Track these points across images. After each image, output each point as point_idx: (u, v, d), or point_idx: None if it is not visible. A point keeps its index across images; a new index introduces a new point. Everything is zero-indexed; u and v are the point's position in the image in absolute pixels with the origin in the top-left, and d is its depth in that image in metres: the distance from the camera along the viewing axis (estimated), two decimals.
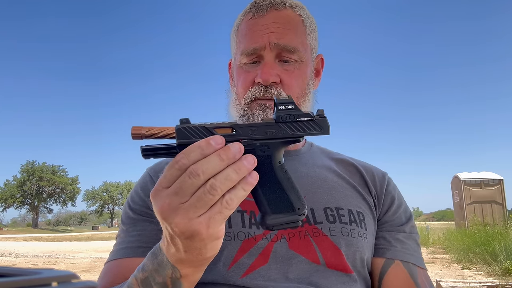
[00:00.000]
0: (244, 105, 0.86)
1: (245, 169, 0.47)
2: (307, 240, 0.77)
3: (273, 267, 0.74)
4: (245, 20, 0.88)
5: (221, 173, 0.47)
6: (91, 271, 8.02)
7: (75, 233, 38.99)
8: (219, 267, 0.74)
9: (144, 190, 0.88)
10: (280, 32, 0.83)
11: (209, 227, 0.48)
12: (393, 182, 0.97)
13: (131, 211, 0.86)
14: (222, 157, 0.47)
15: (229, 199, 0.47)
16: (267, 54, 0.84)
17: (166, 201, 0.48)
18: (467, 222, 12.16)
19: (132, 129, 0.51)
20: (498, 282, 5.61)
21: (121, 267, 0.78)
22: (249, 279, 0.73)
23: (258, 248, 0.75)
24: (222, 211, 0.48)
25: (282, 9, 0.86)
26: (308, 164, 0.92)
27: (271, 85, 0.83)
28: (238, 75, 0.89)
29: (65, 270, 0.25)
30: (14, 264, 9.70)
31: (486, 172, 13.21)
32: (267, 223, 0.53)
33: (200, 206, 0.47)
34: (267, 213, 0.53)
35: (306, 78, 0.89)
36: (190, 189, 0.47)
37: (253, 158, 0.48)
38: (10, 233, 39.50)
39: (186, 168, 0.47)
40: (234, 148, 0.47)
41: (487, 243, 7.94)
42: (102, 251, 13.50)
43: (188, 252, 0.52)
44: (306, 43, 0.88)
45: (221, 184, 0.46)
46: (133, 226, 0.83)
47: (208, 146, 0.47)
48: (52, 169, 62.05)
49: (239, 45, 0.88)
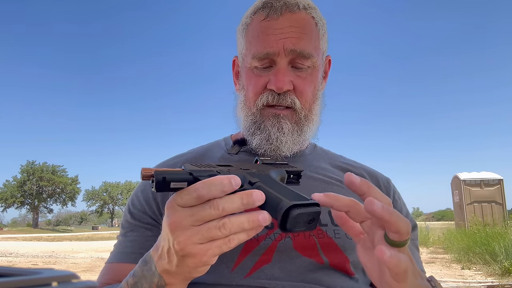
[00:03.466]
0: (256, 111, 0.85)
1: (257, 224, 0.49)
2: (312, 240, 0.77)
3: (276, 266, 0.74)
4: (257, 21, 0.84)
5: (236, 217, 0.50)
6: (91, 271, 8.02)
7: (75, 233, 38.95)
8: (222, 269, 0.74)
9: (143, 193, 0.88)
10: (295, 37, 0.80)
11: (205, 255, 0.51)
12: (395, 188, 0.98)
13: (130, 215, 0.87)
14: (243, 202, 0.49)
15: (232, 239, 0.50)
16: (281, 60, 0.81)
17: (180, 217, 0.51)
18: (467, 222, 12.16)
19: (142, 170, 0.52)
20: (498, 282, 5.62)
21: (117, 271, 0.81)
22: (253, 278, 0.73)
23: (262, 248, 0.75)
24: (222, 246, 0.51)
25: (296, 12, 0.82)
26: (312, 166, 0.92)
27: (284, 92, 0.82)
28: (248, 78, 0.87)
29: (65, 270, 0.25)
30: (14, 264, 9.70)
31: (486, 172, 13.21)
32: (287, 227, 0.49)
33: (206, 236, 0.50)
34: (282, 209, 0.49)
35: (317, 83, 0.88)
36: (206, 218, 0.50)
37: (269, 217, 0.49)
38: (10, 233, 39.49)
39: (204, 199, 0.50)
40: (256, 197, 0.49)
41: (487, 243, 7.94)
42: (102, 251, 13.49)
43: (179, 267, 0.55)
44: (319, 47, 0.86)
45: (232, 227, 0.49)
46: (130, 231, 0.85)
47: (229, 186, 0.49)
48: (52, 169, 62.01)
49: (250, 47, 0.84)
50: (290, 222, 0.47)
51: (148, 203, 0.85)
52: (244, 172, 0.56)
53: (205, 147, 0.99)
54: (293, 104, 0.83)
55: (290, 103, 0.83)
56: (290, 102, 0.82)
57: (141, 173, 0.51)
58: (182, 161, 0.93)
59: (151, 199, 0.85)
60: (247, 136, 0.88)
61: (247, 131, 0.88)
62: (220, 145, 0.97)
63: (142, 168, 0.51)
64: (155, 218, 0.84)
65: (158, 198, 0.85)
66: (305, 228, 0.49)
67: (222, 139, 1.01)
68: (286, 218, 0.47)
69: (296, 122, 0.85)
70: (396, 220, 0.50)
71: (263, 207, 0.50)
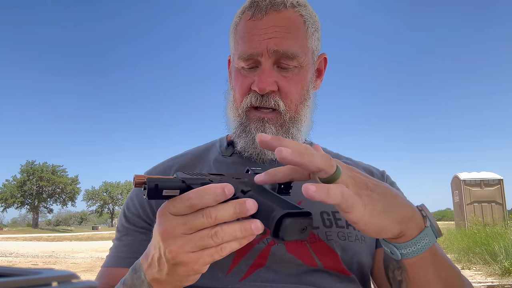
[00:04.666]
0: (241, 112, 0.85)
1: (250, 232, 0.49)
2: (304, 246, 0.77)
3: (271, 269, 0.74)
4: (244, 21, 0.83)
5: (228, 226, 0.49)
6: (91, 271, 8.02)
7: (75, 233, 38.98)
8: (216, 274, 0.74)
9: (138, 198, 0.87)
10: (279, 37, 0.79)
11: (197, 263, 0.51)
12: (391, 178, 0.97)
13: (125, 219, 0.86)
14: (236, 210, 0.48)
15: (224, 247, 0.50)
16: (265, 61, 0.80)
17: (172, 225, 0.50)
18: (467, 222, 12.15)
19: (135, 177, 0.51)
20: (498, 282, 5.63)
21: (112, 275, 0.81)
22: (248, 281, 0.73)
23: (255, 251, 0.75)
24: (214, 255, 0.50)
25: (282, 10, 0.80)
26: None
27: (268, 93, 0.81)
28: (236, 79, 0.87)
29: (65, 270, 0.25)
30: (14, 264, 9.70)
31: (486, 172, 13.20)
32: (279, 235, 0.49)
33: (198, 244, 0.50)
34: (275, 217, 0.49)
35: (306, 84, 0.86)
36: (198, 226, 0.49)
37: (261, 226, 0.49)
38: (10, 233, 39.51)
39: (197, 207, 0.49)
40: (249, 206, 0.48)
41: (487, 243, 7.93)
42: (102, 251, 13.49)
43: (169, 275, 0.54)
44: (307, 46, 0.83)
45: (224, 236, 0.49)
46: (125, 236, 0.85)
47: (222, 194, 0.49)
48: (52, 169, 62.02)
49: (237, 47, 0.84)
50: (283, 230, 0.47)
51: (142, 207, 0.85)
52: (236, 181, 0.56)
53: (201, 148, 0.98)
54: (277, 106, 0.82)
55: (274, 105, 0.81)
56: (274, 104, 0.81)
57: (134, 180, 0.50)
58: (177, 163, 0.92)
59: (145, 203, 0.85)
60: (234, 137, 0.88)
61: (233, 132, 0.88)
62: (215, 146, 0.97)
63: (135, 175, 0.50)
64: (150, 222, 0.84)
65: (153, 203, 0.84)
66: (298, 237, 0.48)
67: (218, 139, 1.00)
68: (279, 227, 0.47)
69: (281, 124, 0.83)
70: (309, 159, 0.50)
71: (255, 216, 0.50)
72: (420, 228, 0.57)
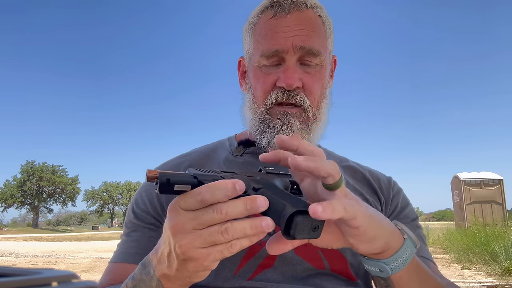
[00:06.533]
0: (264, 110, 0.84)
1: (260, 230, 0.48)
2: (313, 248, 0.76)
3: (278, 270, 0.74)
4: (264, 20, 0.84)
5: (239, 223, 0.49)
6: (91, 271, 8.01)
7: (75, 233, 38.92)
8: (225, 273, 0.74)
9: (147, 193, 0.87)
10: (304, 35, 0.80)
11: (206, 259, 0.51)
12: (398, 185, 0.97)
13: (133, 214, 0.86)
14: (247, 207, 0.48)
15: (234, 244, 0.50)
16: (290, 57, 0.81)
17: (182, 220, 0.50)
18: (467, 222, 12.15)
19: (147, 171, 0.51)
20: (498, 282, 5.63)
21: (120, 271, 0.80)
22: (256, 280, 0.73)
23: (264, 253, 0.75)
24: (224, 251, 0.50)
25: (304, 10, 0.82)
26: None
27: (294, 89, 0.81)
28: (256, 77, 0.86)
29: (65, 270, 0.25)
30: (14, 264, 9.70)
31: (486, 172, 13.20)
32: (290, 232, 0.49)
33: (208, 240, 0.49)
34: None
35: (325, 82, 0.87)
36: (208, 222, 0.49)
37: (272, 224, 0.48)
38: (10, 233, 39.46)
39: (207, 203, 0.49)
40: (260, 202, 0.48)
41: (487, 243, 7.93)
42: (102, 251, 13.49)
43: (179, 271, 0.54)
44: (326, 46, 0.86)
45: (234, 232, 0.48)
46: (133, 231, 0.84)
47: (233, 190, 0.48)
48: (52, 169, 62.02)
49: (258, 46, 0.84)
50: (294, 228, 0.46)
51: (151, 203, 0.85)
52: (248, 179, 0.55)
53: (210, 146, 0.98)
54: (302, 102, 0.82)
55: (300, 101, 0.82)
56: (300, 100, 0.82)
57: (146, 174, 0.50)
58: (186, 160, 0.92)
59: (155, 199, 0.85)
60: (256, 135, 0.87)
61: (255, 130, 0.87)
62: (225, 146, 0.96)
63: (147, 170, 0.50)
64: (159, 218, 0.84)
65: (162, 199, 0.84)
66: (309, 236, 0.48)
67: (226, 138, 1.00)
68: (290, 224, 0.47)
69: (305, 120, 0.84)
70: (321, 165, 0.51)
71: (266, 214, 0.49)
72: (401, 239, 0.59)
